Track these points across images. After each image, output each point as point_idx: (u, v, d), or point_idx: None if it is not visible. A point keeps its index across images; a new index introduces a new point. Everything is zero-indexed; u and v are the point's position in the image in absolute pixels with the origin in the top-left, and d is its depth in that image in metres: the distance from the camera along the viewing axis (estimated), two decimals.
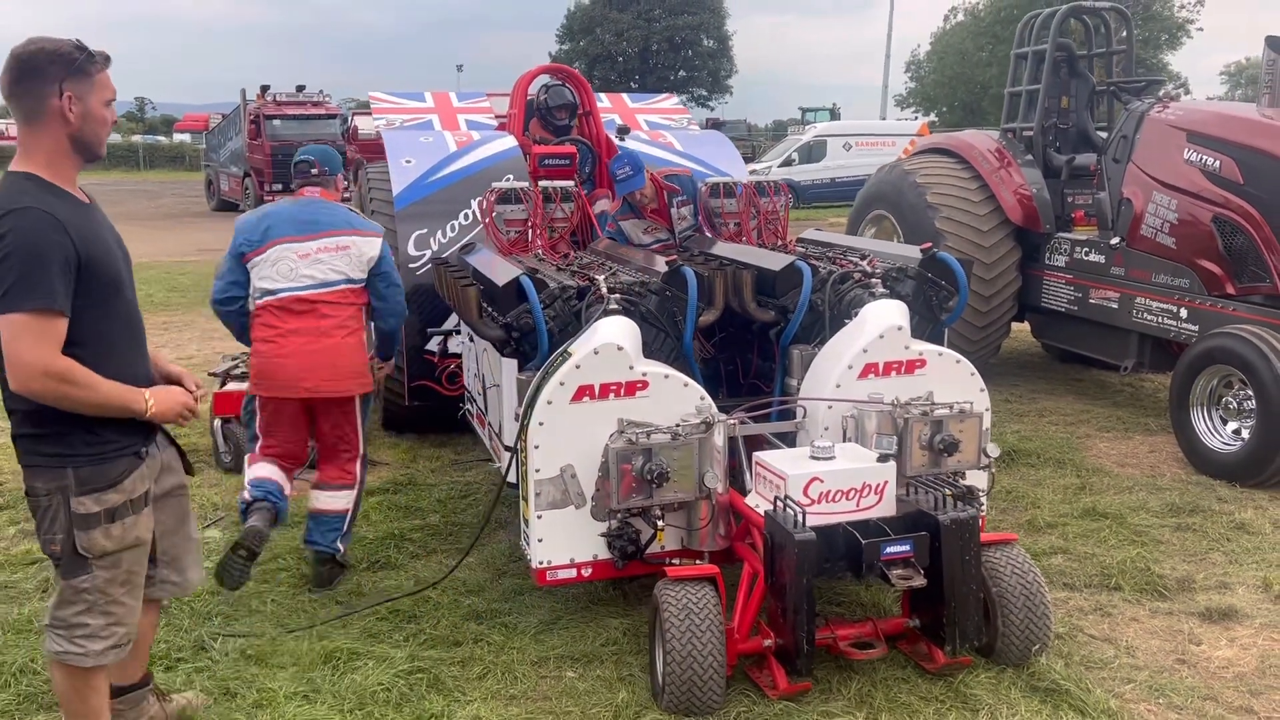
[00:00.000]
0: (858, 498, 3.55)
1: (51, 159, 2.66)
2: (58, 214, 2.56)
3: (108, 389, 2.63)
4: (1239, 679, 3.70)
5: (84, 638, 2.78)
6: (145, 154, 54.21)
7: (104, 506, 2.69)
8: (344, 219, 4.48)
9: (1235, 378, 5.84)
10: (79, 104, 2.61)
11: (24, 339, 2.49)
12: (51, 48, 2.59)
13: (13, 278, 2.46)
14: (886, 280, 4.42)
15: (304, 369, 4.26)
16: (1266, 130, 6.39)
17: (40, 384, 2.52)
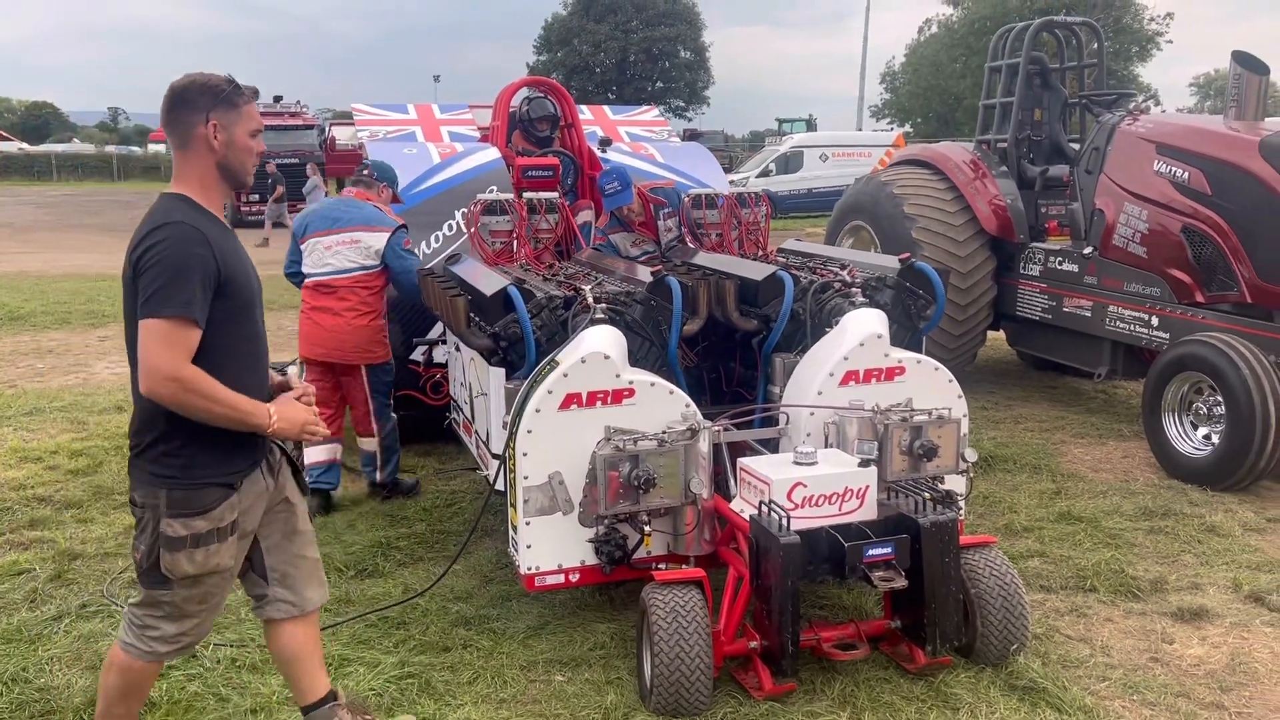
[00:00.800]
0: (840, 502, 3.63)
1: (202, 184, 2.80)
2: (204, 231, 2.67)
3: (233, 400, 2.68)
4: (1210, 676, 3.81)
5: (154, 639, 2.87)
6: (119, 164, 53.84)
7: (191, 532, 2.74)
8: (362, 216, 5.42)
9: (1205, 384, 5.98)
10: (224, 132, 2.75)
11: (158, 343, 2.58)
12: (203, 80, 2.76)
13: (156, 285, 2.58)
14: (866, 289, 4.51)
15: (321, 339, 5.36)
16: (1233, 143, 6.56)
17: (165, 388, 2.59)
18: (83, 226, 27.30)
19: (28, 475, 6.10)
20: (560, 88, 7.57)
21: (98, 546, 5.01)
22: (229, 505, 2.81)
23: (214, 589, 2.88)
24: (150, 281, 2.59)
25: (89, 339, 10.90)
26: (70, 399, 8.03)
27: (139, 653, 2.88)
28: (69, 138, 77.11)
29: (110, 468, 6.27)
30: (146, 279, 2.59)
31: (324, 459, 5.50)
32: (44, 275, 16.34)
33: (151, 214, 2.73)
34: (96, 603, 4.35)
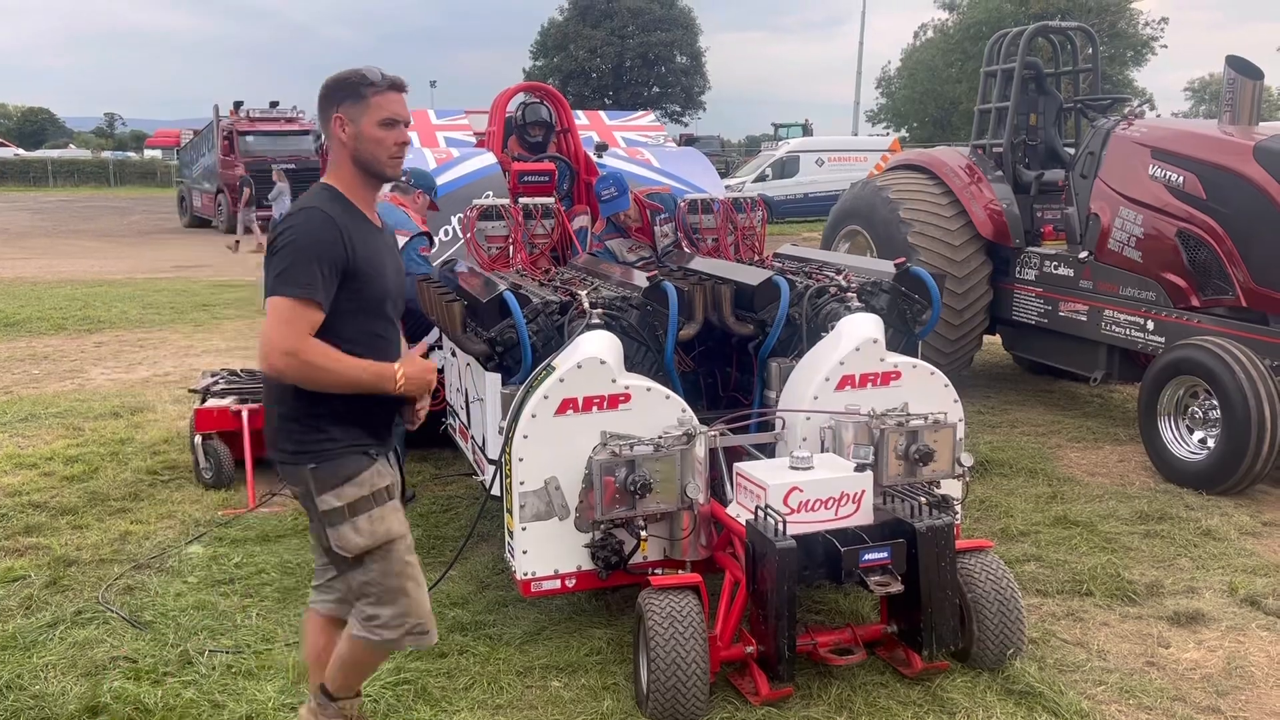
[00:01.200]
0: (836, 507, 3.63)
1: (349, 178, 2.86)
2: (337, 219, 2.74)
3: (354, 363, 2.72)
4: (1206, 680, 3.81)
5: (379, 628, 2.89)
6: (115, 170, 53.82)
7: (344, 501, 2.78)
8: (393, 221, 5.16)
9: (1201, 388, 5.99)
10: (350, 125, 2.79)
11: (278, 320, 2.64)
12: (339, 76, 2.84)
13: (283, 265, 2.66)
14: (862, 294, 4.51)
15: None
16: (1228, 147, 6.57)
17: (284, 361, 2.63)
18: (78, 232, 27.27)
19: (23, 481, 6.09)
20: (556, 93, 7.57)
21: (93, 553, 5.00)
22: (375, 471, 2.84)
23: (404, 557, 2.89)
24: (278, 262, 2.67)
25: (84, 345, 10.89)
26: (66, 405, 8.01)
27: (370, 643, 2.92)
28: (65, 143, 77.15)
29: (105, 474, 6.26)
30: (275, 260, 2.68)
31: None
32: (39, 281, 16.32)
33: (298, 200, 2.85)
34: (92, 609, 4.34)
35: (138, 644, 4.01)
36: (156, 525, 5.41)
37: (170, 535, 5.27)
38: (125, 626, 4.18)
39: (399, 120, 2.84)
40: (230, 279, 16.69)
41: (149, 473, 6.28)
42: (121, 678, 3.72)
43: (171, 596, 4.48)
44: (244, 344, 10.90)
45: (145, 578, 4.71)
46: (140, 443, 6.93)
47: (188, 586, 4.60)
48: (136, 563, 4.87)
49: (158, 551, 5.02)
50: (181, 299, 14.20)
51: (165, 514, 5.59)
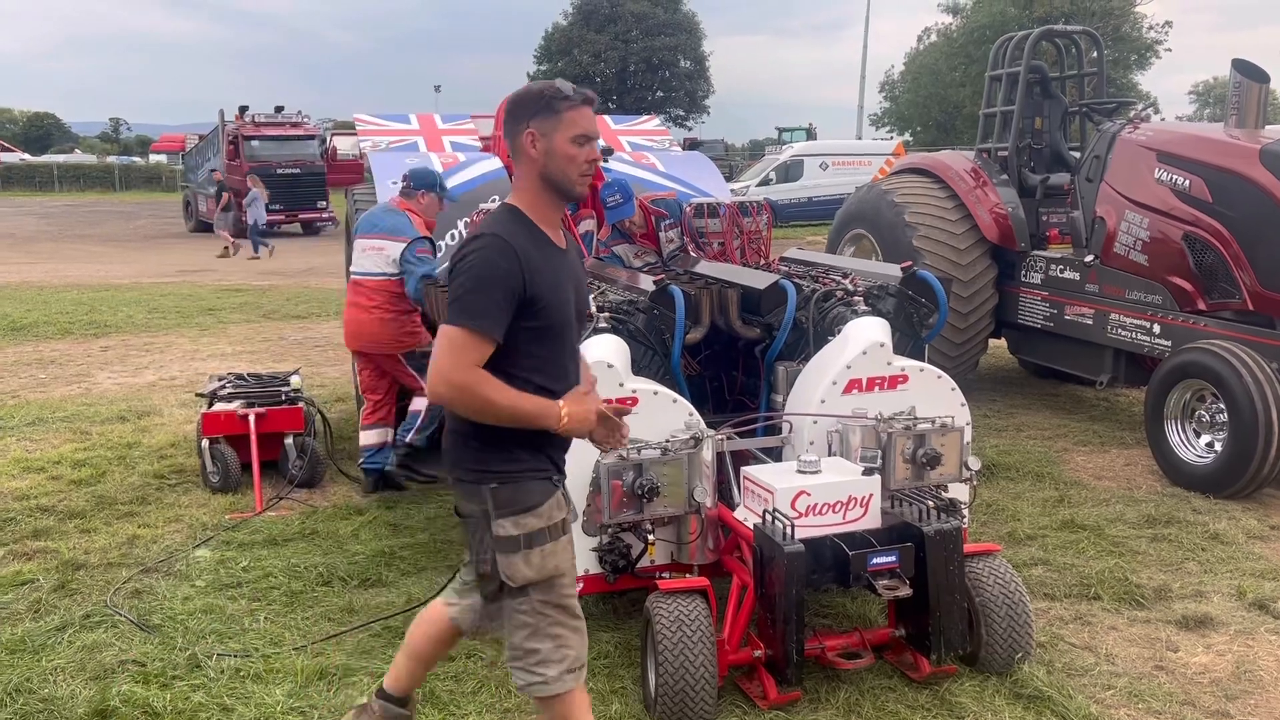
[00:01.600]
0: (844, 510, 3.64)
1: (534, 197, 2.74)
2: (517, 246, 2.61)
3: (517, 400, 2.61)
4: (1215, 684, 3.80)
5: (538, 664, 2.77)
6: (121, 175, 53.96)
7: (522, 531, 2.69)
8: (390, 225, 5.70)
9: (1208, 392, 5.99)
10: (543, 140, 2.67)
11: (447, 349, 2.58)
12: (530, 89, 2.72)
13: (459, 293, 2.59)
14: (868, 298, 4.52)
15: (358, 332, 5.83)
16: (1234, 150, 6.57)
17: (447, 390, 2.57)
18: (84, 237, 27.34)
19: (31, 485, 6.10)
20: None
21: (101, 557, 5.01)
22: (556, 502, 2.77)
23: (566, 593, 2.79)
24: (457, 289, 2.60)
25: (91, 349, 10.91)
26: (73, 409, 8.03)
27: (537, 686, 2.77)
28: (71, 148, 77.36)
29: (113, 478, 6.27)
30: (454, 288, 2.61)
31: (375, 442, 5.95)
32: (46, 286, 16.36)
33: (481, 223, 2.75)
34: (100, 613, 4.35)
35: (146, 648, 4.02)
36: (164, 529, 5.43)
37: (178, 539, 5.29)
38: (134, 630, 4.19)
39: (591, 136, 2.72)
40: (236, 283, 16.72)
41: (156, 477, 6.29)
42: (130, 681, 3.73)
43: (179, 600, 4.49)
44: (250, 348, 10.92)
45: (153, 581, 4.73)
46: (147, 447, 6.95)
47: (195, 590, 4.61)
48: (144, 566, 4.88)
49: (165, 555, 5.03)
50: (187, 303, 14.23)
51: (173, 518, 5.60)
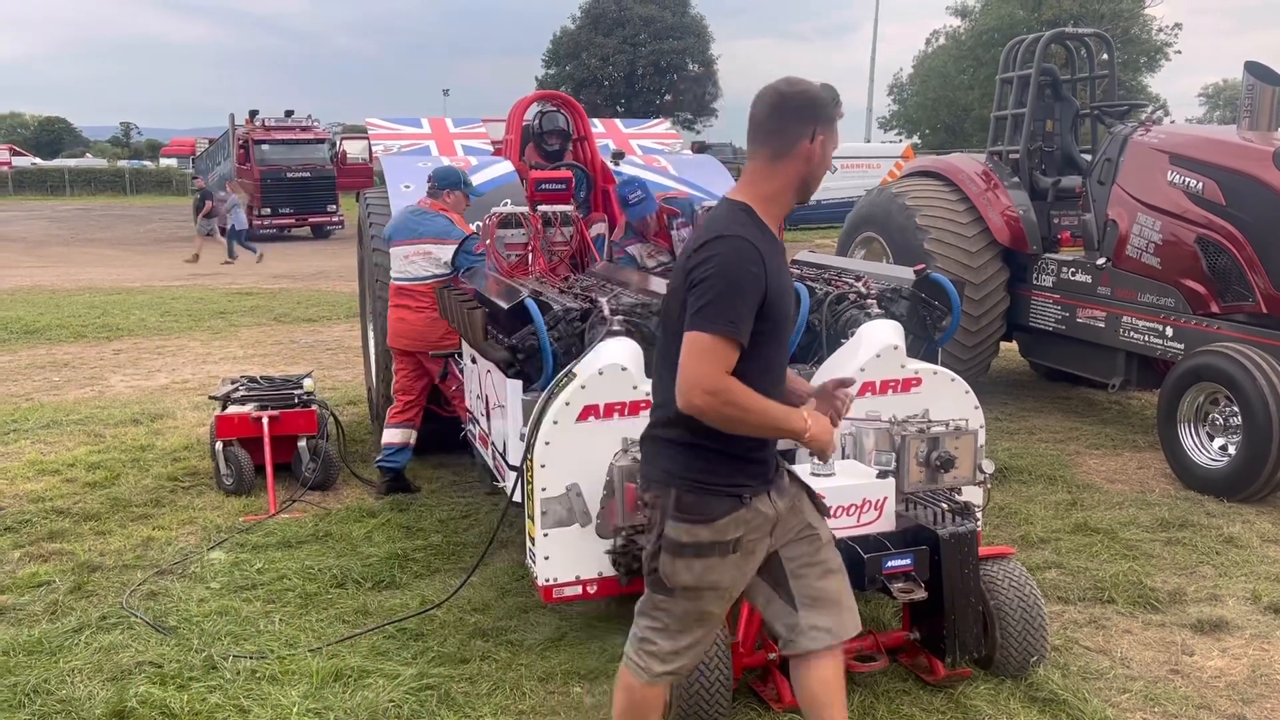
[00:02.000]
0: (858, 513, 3.63)
1: (774, 196, 2.71)
2: (760, 248, 2.58)
3: (766, 407, 2.59)
4: (1231, 688, 3.79)
5: (648, 654, 2.80)
6: (132, 178, 54.22)
7: (693, 540, 2.66)
8: (435, 229, 5.81)
9: (1221, 395, 5.97)
10: (824, 148, 2.69)
11: (699, 356, 2.52)
12: (812, 91, 2.69)
13: (708, 299, 2.52)
14: (881, 301, 4.52)
15: (405, 332, 5.90)
16: (1247, 153, 6.56)
17: (704, 400, 2.52)
18: (95, 241, 27.48)
19: (46, 488, 6.13)
20: (574, 101, 7.60)
21: (116, 558, 5.04)
22: (735, 519, 2.69)
23: (711, 608, 2.77)
24: (701, 295, 2.53)
25: (103, 352, 10.96)
26: (86, 412, 8.07)
27: (635, 669, 2.82)
28: (81, 152, 77.75)
29: (127, 480, 6.30)
30: (698, 291, 2.54)
31: (398, 441, 6.01)
32: (58, 289, 16.44)
33: (712, 221, 2.68)
34: (116, 614, 4.37)
35: (162, 649, 4.04)
36: (178, 531, 5.45)
37: (192, 541, 5.31)
38: (150, 632, 4.21)
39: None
40: (247, 287, 16.78)
41: (170, 479, 6.32)
42: (147, 682, 3.75)
43: (195, 602, 4.51)
44: (261, 351, 10.96)
45: (168, 583, 4.75)
46: (161, 449, 6.98)
47: (210, 592, 4.63)
48: (159, 568, 4.90)
49: (180, 557, 5.05)
50: (199, 306, 14.28)
51: (187, 520, 5.62)
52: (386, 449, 6.01)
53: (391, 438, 6.01)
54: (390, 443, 6.01)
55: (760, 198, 2.69)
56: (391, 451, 6.00)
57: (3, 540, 5.30)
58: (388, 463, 6.01)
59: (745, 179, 2.73)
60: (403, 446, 6.01)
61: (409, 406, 6.03)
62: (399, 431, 6.01)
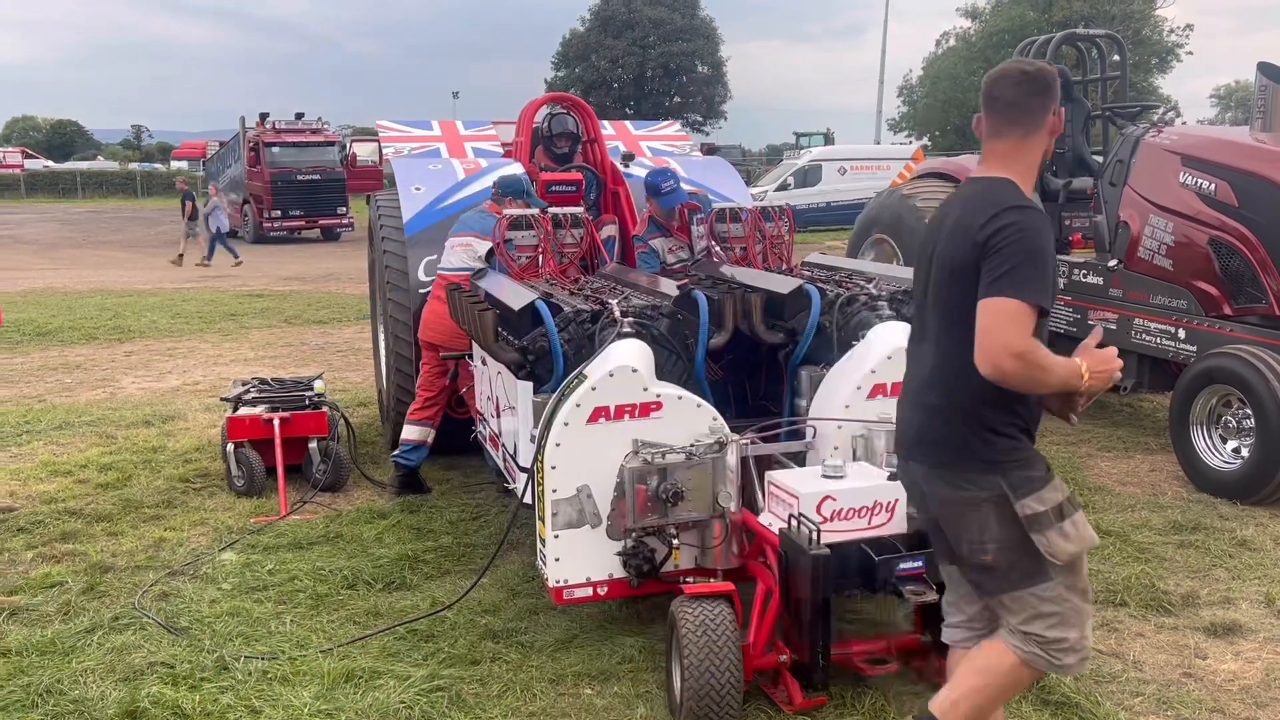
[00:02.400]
0: (870, 515, 3.62)
1: (1028, 170, 2.82)
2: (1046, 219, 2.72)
3: (1058, 363, 2.66)
4: (1245, 691, 3.77)
5: (1063, 651, 2.76)
6: (143, 181, 54.45)
7: (1047, 506, 2.70)
8: (481, 225, 5.83)
9: (1234, 397, 5.94)
10: (1062, 124, 2.86)
11: (1009, 322, 2.57)
12: (1050, 71, 2.81)
13: (1011, 265, 2.58)
14: (892, 302, 4.50)
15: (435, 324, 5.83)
16: (1260, 154, 6.52)
17: (1010, 363, 2.56)
18: (107, 243, 27.61)
19: (58, 489, 6.16)
20: (583, 103, 7.61)
21: (128, 559, 5.05)
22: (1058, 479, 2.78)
23: (1085, 569, 2.81)
24: (1005, 261, 2.58)
25: (115, 353, 11.01)
26: (98, 413, 8.11)
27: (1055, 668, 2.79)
28: (93, 155, 78.11)
29: (139, 481, 6.32)
30: (1000, 258, 2.59)
31: (415, 439, 5.99)
32: (70, 291, 16.52)
33: (992, 194, 2.72)
34: (128, 615, 4.38)
35: (174, 650, 4.05)
36: (190, 532, 5.47)
37: (204, 542, 5.33)
38: (162, 632, 4.23)
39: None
40: (257, 289, 16.83)
41: (181, 480, 6.34)
42: (159, 683, 3.76)
43: (206, 603, 4.52)
44: (272, 353, 11.00)
45: (180, 584, 4.76)
46: (172, 451, 7.00)
47: (222, 593, 4.64)
48: (171, 569, 4.92)
49: (192, 558, 5.07)
50: (209, 308, 14.34)
51: (198, 521, 5.64)
52: (404, 445, 6.01)
53: (410, 434, 6.00)
54: (408, 439, 6.00)
55: (1019, 174, 2.77)
56: (409, 448, 6.00)
57: (16, 541, 5.32)
58: (403, 459, 6.01)
59: (998, 158, 2.81)
60: (419, 444, 6.00)
61: (429, 404, 6.01)
62: (418, 429, 6.00)
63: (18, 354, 10.96)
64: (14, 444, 7.24)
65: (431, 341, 5.93)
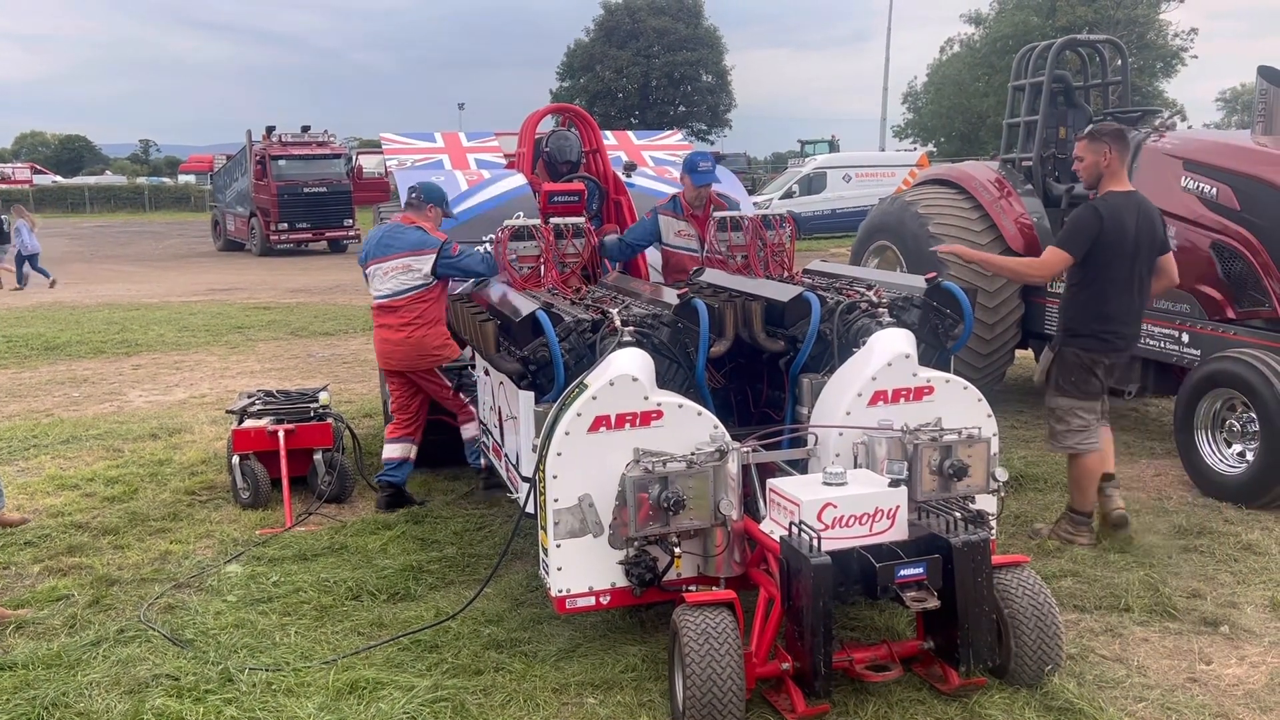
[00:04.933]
0: (871, 522, 3.63)
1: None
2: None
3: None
4: (1249, 696, 3.76)
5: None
6: (150, 195, 54.70)
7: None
8: (409, 241, 5.75)
9: (1238, 401, 5.93)
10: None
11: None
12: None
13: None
14: (893, 310, 4.51)
15: (391, 352, 5.87)
16: (1262, 158, 6.52)
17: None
18: (115, 257, 27.73)
19: (65, 502, 6.19)
20: (586, 114, 7.64)
21: (134, 572, 5.08)
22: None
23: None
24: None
25: (123, 367, 11.06)
26: (105, 427, 8.14)
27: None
28: (101, 170, 78.49)
29: (146, 494, 6.35)
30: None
31: (398, 456, 6.04)
32: (78, 305, 16.60)
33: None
34: (134, 627, 4.40)
35: (179, 662, 4.06)
36: (196, 545, 5.49)
37: (209, 554, 5.35)
38: (167, 645, 4.24)
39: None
40: (264, 302, 16.90)
41: (188, 493, 6.37)
42: (164, 695, 3.77)
43: (211, 615, 4.54)
44: (278, 365, 11.04)
45: (185, 596, 4.78)
46: (179, 463, 7.03)
47: (227, 605, 4.66)
48: (177, 582, 4.94)
49: (197, 571, 5.09)
50: (216, 322, 14.39)
51: (204, 533, 5.66)
52: (387, 464, 6.06)
53: (392, 453, 6.06)
54: (391, 458, 6.05)
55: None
56: (392, 466, 6.05)
57: (23, 554, 5.35)
58: (388, 477, 6.05)
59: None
60: (403, 461, 6.05)
61: (407, 423, 6.08)
62: (399, 446, 6.06)
63: (26, 368, 11.02)
64: (21, 458, 7.28)
65: (394, 370, 5.97)
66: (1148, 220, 5.05)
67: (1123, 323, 5.07)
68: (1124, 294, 5.04)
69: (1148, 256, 5.06)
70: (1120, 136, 5.09)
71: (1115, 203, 4.99)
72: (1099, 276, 5.01)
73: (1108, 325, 5.04)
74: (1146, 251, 5.05)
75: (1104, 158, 5.04)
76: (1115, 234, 4.94)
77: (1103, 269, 4.99)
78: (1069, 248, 5.01)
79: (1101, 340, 5.05)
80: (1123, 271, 5.01)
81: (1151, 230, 5.06)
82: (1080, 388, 5.12)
